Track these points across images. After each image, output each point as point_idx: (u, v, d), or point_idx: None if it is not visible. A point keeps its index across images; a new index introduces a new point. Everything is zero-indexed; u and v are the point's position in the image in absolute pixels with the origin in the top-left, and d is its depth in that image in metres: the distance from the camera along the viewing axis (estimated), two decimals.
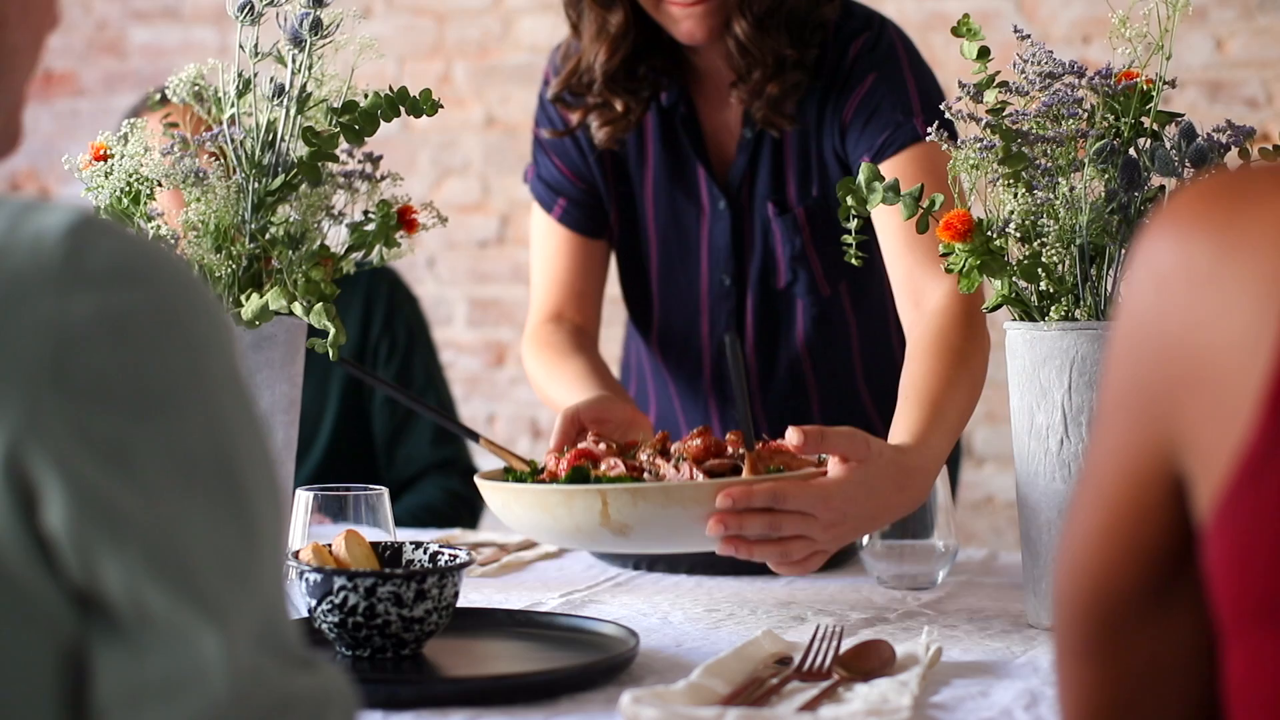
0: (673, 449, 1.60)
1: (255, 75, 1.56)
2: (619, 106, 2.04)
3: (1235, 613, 0.80)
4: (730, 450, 1.59)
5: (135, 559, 0.77)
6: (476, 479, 1.63)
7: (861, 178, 1.60)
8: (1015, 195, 1.54)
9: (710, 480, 1.51)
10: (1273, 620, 0.77)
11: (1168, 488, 0.84)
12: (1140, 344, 0.84)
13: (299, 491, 1.66)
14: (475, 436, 1.74)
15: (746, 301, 2.14)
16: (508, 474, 1.67)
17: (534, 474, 1.64)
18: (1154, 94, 1.55)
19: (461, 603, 1.50)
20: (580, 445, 1.64)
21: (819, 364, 2.15)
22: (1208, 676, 0.85)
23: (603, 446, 1.63)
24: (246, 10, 1.54)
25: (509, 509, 1.58)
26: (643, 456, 1.60)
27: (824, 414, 2.17)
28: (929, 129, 1.59)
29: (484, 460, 2.71)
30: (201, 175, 1.54)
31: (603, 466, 1.59)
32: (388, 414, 2.56)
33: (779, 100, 2.00)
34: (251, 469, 0.82)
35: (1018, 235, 1.55)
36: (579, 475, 1.57)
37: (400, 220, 1.62)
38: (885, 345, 2.18)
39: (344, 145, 1.58)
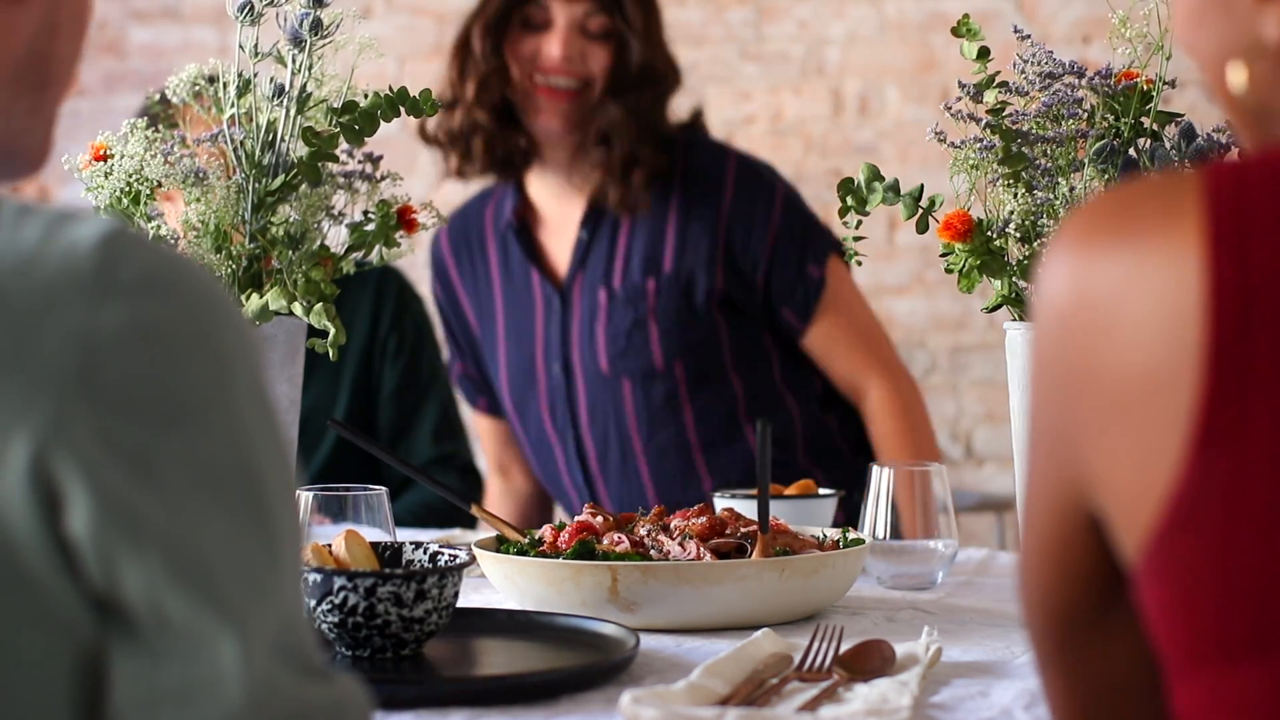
0: (674, 525, 1.62)
1: (255, 75, 1.56)
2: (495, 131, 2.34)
3: (1181, 655, 0.77)
4: (730, 529, 1.62)
5: (156, 565, 0.77)
6: (474, 547, 1.61)
7: (861, 177, 1.60)
8: (1015, 195, 1.54)
9: (720, 561, 1.53)
10: (1225, 659, 0.74)
11: (1086, 523, 0.81)
12: (1046, 382, 0.79)
13: (299, 492, 1.66)
14: (469, 503, 1.74)
15: (577, 387, 2.41)
16: (501, 544, 1.67)
17: (533, 545, 1.64)
18: (1154, 94, 1.55)
19: (461, 603, 1.50)
20: (578, 519, 1.65)
21: (649, 444, 2.39)
22: (1163, 694, 0.82)
23: (600, 520, 1.64)
24: (246, 10, 1.54)
25: (511, 580, 1.58)
26: (642, 531, 1.62)
27: (658, 486, 2.39)
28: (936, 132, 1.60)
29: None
30: (201, 175, 1.54)
31: (605, 541, 1.59)
32: (394, 409, 2.58)
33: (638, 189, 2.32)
34: (273, 481, 0.82)
35: (1018, 235, 1.55)
36: (584, 550, 1.57)
37: (400, 220, 1.62)
38: (730, 420, 2.38)
39: (344, 145, 1.58)
